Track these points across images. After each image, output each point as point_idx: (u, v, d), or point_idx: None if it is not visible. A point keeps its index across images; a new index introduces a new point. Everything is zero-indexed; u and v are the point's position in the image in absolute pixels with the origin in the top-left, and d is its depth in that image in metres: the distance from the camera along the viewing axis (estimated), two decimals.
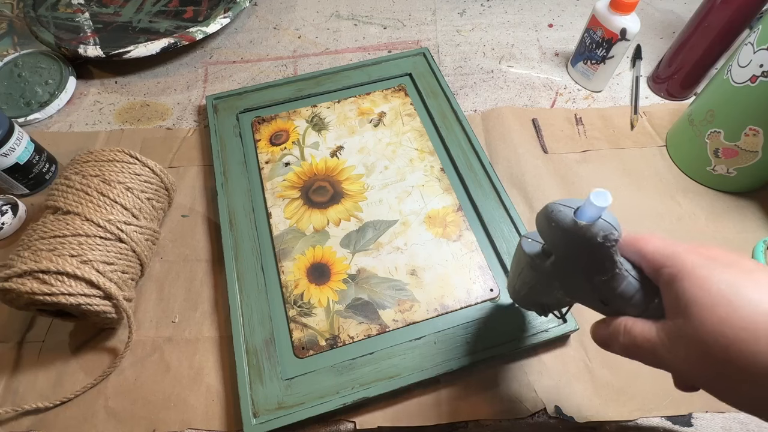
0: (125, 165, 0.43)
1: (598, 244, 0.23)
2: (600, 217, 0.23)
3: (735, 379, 0.20)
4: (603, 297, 0.26)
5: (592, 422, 0.37)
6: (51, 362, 0.41)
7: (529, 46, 0.63)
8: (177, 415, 0.38)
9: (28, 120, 0.57)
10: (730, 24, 0.48)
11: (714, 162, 0.47)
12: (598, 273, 0.24)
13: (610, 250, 0.23)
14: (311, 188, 0.49)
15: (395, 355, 0.39)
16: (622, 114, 0.56)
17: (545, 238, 0.26)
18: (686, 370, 0.22)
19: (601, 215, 0.23)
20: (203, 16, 0.64)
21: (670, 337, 0.22)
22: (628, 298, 0.25)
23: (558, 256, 0.26)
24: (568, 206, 0.24)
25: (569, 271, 0.26)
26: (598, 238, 0.23)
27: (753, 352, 0.19)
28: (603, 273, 0.24)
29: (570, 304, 0.32)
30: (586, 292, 0.26)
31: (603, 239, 0.23)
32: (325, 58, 0.64)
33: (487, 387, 0.39)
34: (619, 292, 0.25)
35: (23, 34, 0.67)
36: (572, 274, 0.26)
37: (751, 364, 0.19)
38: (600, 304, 0.26)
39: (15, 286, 0.35)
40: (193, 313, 0.43)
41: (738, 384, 0.20)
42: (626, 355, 0.25)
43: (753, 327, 0.19)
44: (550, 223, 0.25)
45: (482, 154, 0.50)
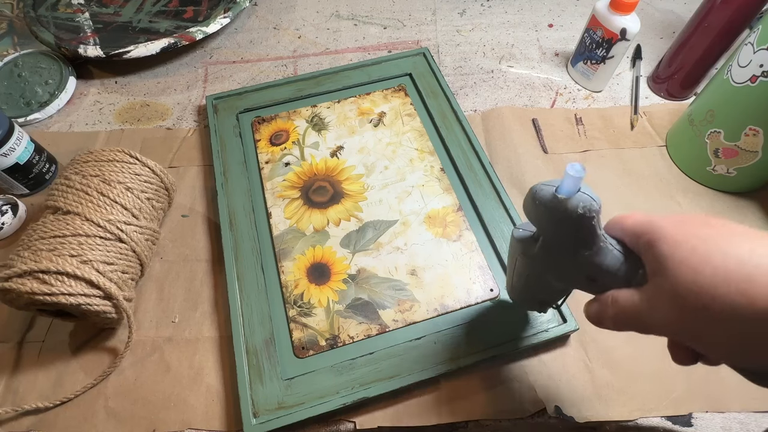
0: (125, 165, 0.43)
1: (579, 215, 0.24)
2: (579, 191, 0.24)
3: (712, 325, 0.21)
4: (590, 273, 0.27)
5: (592, 422, 0.37)
6: (51, 362, 0.41)
7: (529, 46, 0.63)
8: (177, 415, 0.38)
9: (28, 120, 0.57)
10: (730, 24, 0.48)
11: (714, 162, 0.47)
12: (584, 247, 0.26)
13: (591, 222, 0.24)
14: (311, 188, 0.49)
15: (395, 355, 0.39)
16: (622, 114, 0.56)
17: (532, 219, 0.27)
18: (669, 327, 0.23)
19: (580, 189, 0.24)
20: (203, 16, 0.64)
21: (651, 297, 0.23)
22: (614, 272, 0.26)
23: (545, 237, 0.28)
24: (549, 185, 0.26)
25: (557, 250, 0.27)
26: (578, 209, 0.24)
27: (724, 294, 0.20)
28: (588, 247, 0.26)
29: (564, 294, 0.33)
30: (575, 271, 0.27)
31: (583, 210, 0.24)
32: (325, 58, 0.64)
33: (487, 387, 0.39)
34: (605, 266, 0.26)
35: (23, 34, 0.67)
36: (560, 253, 0.27)
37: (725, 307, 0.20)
38: (589, 283, 0.27)
39: (15, 286, 0.35)
40: (193, 313, 0.43)
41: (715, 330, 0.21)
42: (617, 326, 0.26)
43: (723, 272, 0.20)
44: (535, 202, 0.26)
45: (482, 154, 0.50)
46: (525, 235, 0.30)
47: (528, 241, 0.29)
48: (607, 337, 0.41)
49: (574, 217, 0.24)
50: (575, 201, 0.24)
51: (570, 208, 0.24)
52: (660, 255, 0.22)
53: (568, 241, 0.26)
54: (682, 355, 0.26)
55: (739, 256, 0.20)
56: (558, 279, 0.29)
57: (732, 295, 0.20)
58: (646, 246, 0.24)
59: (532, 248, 0.29)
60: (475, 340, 0.40)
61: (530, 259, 0.29)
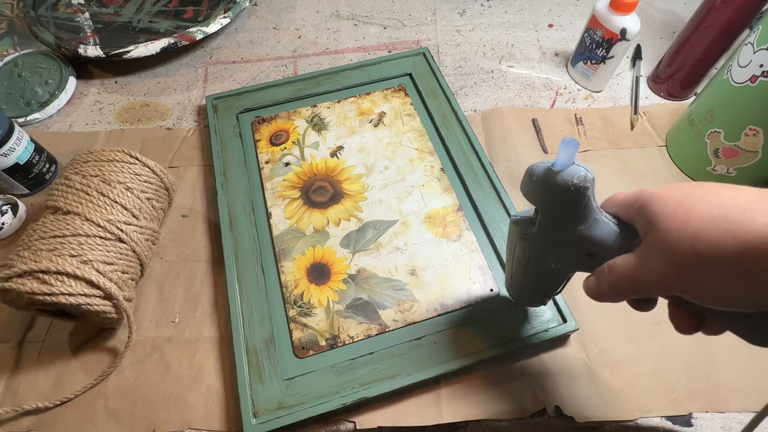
0: (125, 165, 0.43)
1: (574, 186, 0.25)
2: (574, 164, 0.25)
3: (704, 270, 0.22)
4: (588, 249, 0.27)
5: (592, 422, 0.37)
6: (51, 362, 0.41)
7: (529, 46, 0.63)
8: (177, 415, 0.38)
9: (28, 120, 0.57)
10: (730, 24, 0.48)
11: (714, 162, 0.47)
12: (580, 221, 0.27)
13: (586, 192, 0.25)
14: (311, 188, 0.49)
15: (395, 355, 0.39)
16: (622, 114, 0.56)
17: (530, 197, 0.28)
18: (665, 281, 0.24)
19: (574, 162, 0.25)
20: (203, 16, 0.64)
21: (645, 254, 0.24)
22: (611, 244, 0.27)
23: (543, 214, 0.28)
24: (545, 162, 0.27)
25: (555, 227, 0.28)
26: (574, 180, 0.25)
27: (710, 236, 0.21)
28: (584, 220, 0.26)
29: (564, 279, 0.33)
30: (574, 248, 0.28)
31: (578, 180, 0.25)
32: (325, 58, 0.64)
33: (487, 387, 0.39)
34: (601, 239, 0.27)
35: (23, 34, 0.67)
36: (558, 229, 0.28)
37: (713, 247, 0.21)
38: (588, 260, 0.28)
39: (15, 286, 0.35)
40: (193, 313, 0.43)
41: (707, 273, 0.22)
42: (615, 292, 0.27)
43: (708, 217, 0.21)
44: (532, 178, 0.27)
45: (482, 154, 0.50)
46: (523, 218, 0.30)
47: (526, 223, 0.30)
48: (607, 337, 0.41)
49: (569, 188, 0.25)
50: (570, 172, 0.25)
51: (566, 179, 0.25)
52: (650, 214, 0.24)
53: (565, 216, 0.27)
54: (684, 322, 0.27)
55: (722, 203, 0.22)
56: (557, 259, 0.30)
57: (719, 235, 0.21)
58: (637, 211, 0.25)
59: (530, 229, 0.29)
60: (475, 340, 0.40)
61: (529, 242, 0.30)
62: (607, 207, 0.28)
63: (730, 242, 0.21)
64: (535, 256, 0.31)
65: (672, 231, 0.23)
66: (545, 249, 0.30)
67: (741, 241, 0.20)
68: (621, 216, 0.27)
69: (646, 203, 0.25)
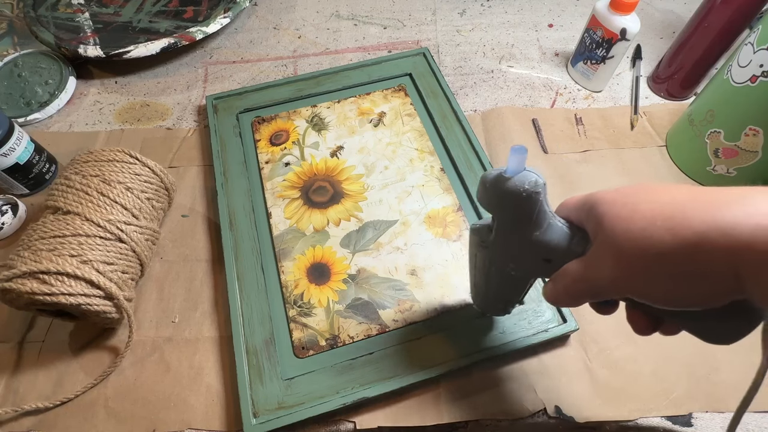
0: (125, 165, 0.43)
1: (526, 191, 0.25)
2: (525, 169, 0.26)
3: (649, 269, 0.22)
4: (545, 254, 0.27)
5: (592, 422, 0.37)
6: (51, 362, 0.41)
7: (529, 46, 0.63)
8: (177, 415, 0.38)
9: (28, 120, 0.57)
10: (730, 24, 0.48)
11: (714, 162, 0.47)
12: (535, 227, 0.27)
13: (538, 197, 0.26)
14: (311, 188, 0.49)
15: (395, 355, 0.39)
16: (622, 114, 0.56)
17: (485, 205, 0.28)
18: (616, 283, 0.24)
19: (525, 168, 0.26)
20: (203, 16, 0.64)
21: (595, 256, 0.25)
22: (565, 247, 0.27)
23: (499, 222, 0.28)
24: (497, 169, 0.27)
25: (511, 233, 0.28)
26: (525, 185, 0.25)
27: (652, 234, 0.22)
28: (539, 226, 0.27)
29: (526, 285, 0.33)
30: (531, 254, 0.28)
31: (529, 185, 0.25)
32: (325, 58, 0.64)
33: (487, 387, 0.39)
34: (556, 243, 0.27)
35: (23, 34, 0.67)
36: (514, 237, 0.28)
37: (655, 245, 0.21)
38: (545, 265, 0.28)
39: (15, 286, 0.35)
40: (193, 313, 0.43)
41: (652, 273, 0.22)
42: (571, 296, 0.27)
43: (650, 216, 0.22)
44: (485, 186, 0.27)
45: (482, 154, 0.50)
46: (481, 226, 0.31)
47: (484, 231, 0.30)
48: (607, 337, 0.41)
49: (521, 193, 0.25)
50: (521, 178, 0.25)
51: (517, 185, 0.25)
52: (598, 215, 0.24)
53: (519, 222, 0.27)
54: (641, 323, 0.27)
55: (663, 202, 0.22)
56: (516, 266, 0.30)
57: (660, 234, 0.21)
58: (587, 214, 0.26)
59: (488, 237, 0.30)
60: (474, 340, 0.40)
61: (488, 250, 0.30)
62: (561, 211, 0.28)
63: (670, 241, 0.21)
64: (494, 264, 0.31)
65: (618, 231, 0.23)
66: (504, 256, 0.30)
67: (680, 239, 0.21)
68: (574, 219, 0.27)
69: (594, 205, 0.25)
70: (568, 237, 0.27)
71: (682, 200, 0.22)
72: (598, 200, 0.25)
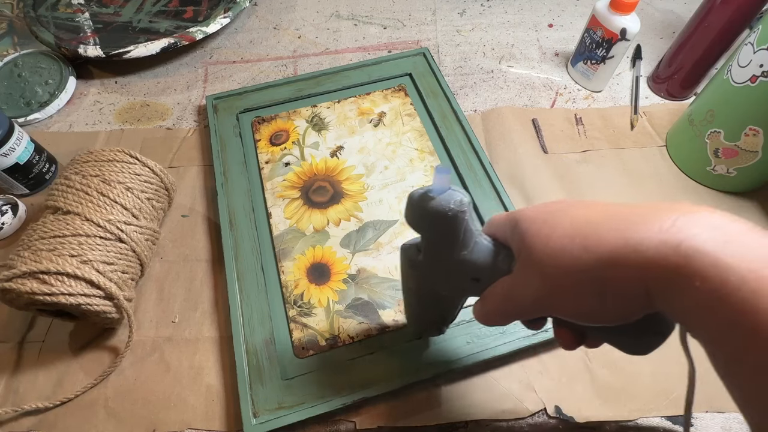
0: (125, 165, 0.43)
1: (451, 211, 0.25)
2: (450, 189, 0.25)
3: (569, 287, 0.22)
4: (473, 273, 0.27)
5: (592, 422, 0.37)
6: (51, 362, 0.41)
7: (529, 46, 0.63)
8: (177, 415, 0.38)
9: (28, 120, 0.57)
10: (730, 24, 0.48)
11: (714, 162, 0.47)
12: (463, 246, 0.27)
13: (464, 216, 0.26)
14: (311, 188, 0.49)
15: (395, 355, 0.39)
16: (622, 114, 0.56)
17: (413, 225, 0.28)
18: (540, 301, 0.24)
19: (450, 187, 0.26)
20: (203, 16, 0.64)
21: (519, 274, 0.25)
22: (492, 266, 0.27)
23: (426, 242, 0.28)
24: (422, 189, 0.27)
25: (439, 255, 0.28)
26: (450, 204, 0.25)
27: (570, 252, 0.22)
28: (465, 245, 0.27)
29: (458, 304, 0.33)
30: (459, 274, 0.28)
31: (455, 204, 0.25)
32: (325, 58, 0.64)
33: (487, 387, 0.39)
34: (483, 261, 0.27)
35: (23, 34, 0.67)
36: (442, 257, 0.28)
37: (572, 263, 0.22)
38: (475, 284, 0.28)
39: (15, 286, 0.35)
40: (193, 313, 0.43)
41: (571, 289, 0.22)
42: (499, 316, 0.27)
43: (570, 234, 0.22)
44: (411, 205, 0.27)
45: (482, 154, 0.50)
46: (410, 246, 0.30)
47: (413, 251, 0.30)
48: None
49: (447, 213, 0.25)
50: (447, 197, 0.25)
51: (442, 204, 0.25)
52: (520, 234, 0.25)
53: (446, 242, 0.27)
54: (567, 339, 0.27)
55: (580, 220, 0.23)
56: (446, 285, 0.29)
57: (577, 252, 0.22)
58: (511, 231, 0.26)
59: (417, 257, 0.29)
60: (475, 339, 0.40)
61: (418, 270, 0.30)
62: (488, 229, 0.28)
63: (586, 259, 0.21)
64: (425, 284, 0.31)
65: (538, 250, 0.23)
66: (433, 276, 0.29)
67: (595, 257, 0.21)
68: (500, 237, 0.27)
69: (516, 223, 0.25)
70: (494, 255, 0.27)
71: (597, 218, 0.22)
72: (521, 218, 0.25)
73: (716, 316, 0.18)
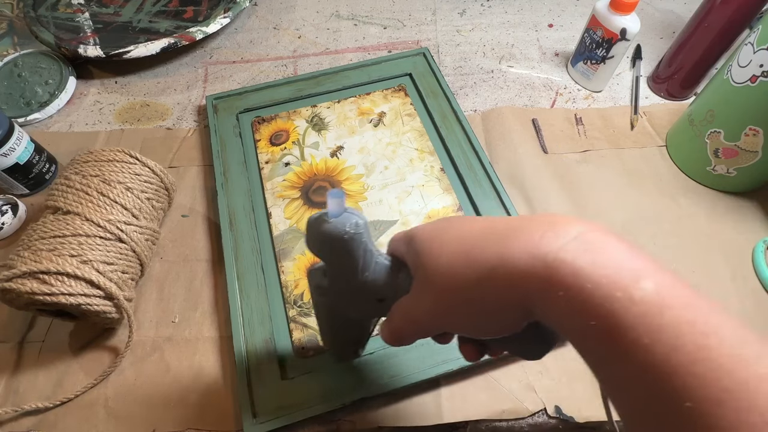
0: (125, 165, 0.43)
1: (347, 234, 0.25)
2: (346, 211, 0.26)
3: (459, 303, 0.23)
4: (377, 294, 0.28)
5: (592, 422, 0.37)
6: (51, 362, 0.41)
7: (529, 46, 0.63)
8: (177, 415, 0.38)
9: (28, 120, 0.57)
10: (730, 24, 0.48)
11: (714, 162, 0.47)
12: (364, 269, 0.27)
13: (361, 238, 0.26)
14: (311, 188, 0.49)
15: (395, 355, 0.39)
16: (622, 114, 0.56)
17: (313, 250, 0.28)
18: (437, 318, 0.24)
19: (346, 209, 0.26)
20: (203, 16, 0.64)
21: (416, 292, 0.25)
22: (394, 286, 0.27)
23: (329, 266, 0.28)
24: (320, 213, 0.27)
25: (342, 278, 0.28)
26: (346, 227, 0.25)
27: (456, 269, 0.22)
28: (367, 267, 0.27)
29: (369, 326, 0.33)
30: (364, 295, 0.28)
31: (350, 227, 0.25)
32: (325, 58, 0.64)
33: (487, 387, 0.39)
34: (384, 283, 0.27)
35: (23, 34, 0.67)
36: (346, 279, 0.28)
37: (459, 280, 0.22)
38: (380, 305, 0.28)
39: (15, 286, 0.35)
40: (193, 313, 0.43)
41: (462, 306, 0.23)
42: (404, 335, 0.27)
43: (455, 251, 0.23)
44: (312, 234, 0.27)
45: (482, 154, 0.50)
46: (316, 270, 0.30)
47: (319, 276, 0.30)
48: None
49: (343, 236, 0.25)
50: (342, 220, 0.25)
51: (339, 228, 0.25)
52: (415, 252, 0.25)
53: (347, 264, 0.27)
54: (469, 351, 0.28)
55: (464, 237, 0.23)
56: (354, 308, 0.29)
57: (461, 268, 0.22)
58: (407, 249, 0.26)
59: (323, 282, 0.29)
60: None
61: (325, 296, 0.30)
62: (390, 246, 0.28)
63: (470, 275, 0.22)
64: (335, 308, 0.30)
65: (429, 268, 0.24)
66: (341, 300, 0.29)
67: (478, 273, 0.21)
68: (400, 255, 0.27)
69: (411, 241, 0.25)
70: (396, 275, 0.27)
71: (479, 234, 0.23)
72: (415, 236, 0.25)
73: (578, 323, 0.18)
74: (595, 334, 0.18)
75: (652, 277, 0.17)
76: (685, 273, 0.44)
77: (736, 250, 0.45)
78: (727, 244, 0.46)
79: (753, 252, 0.45)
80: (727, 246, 0.46)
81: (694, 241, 0.46)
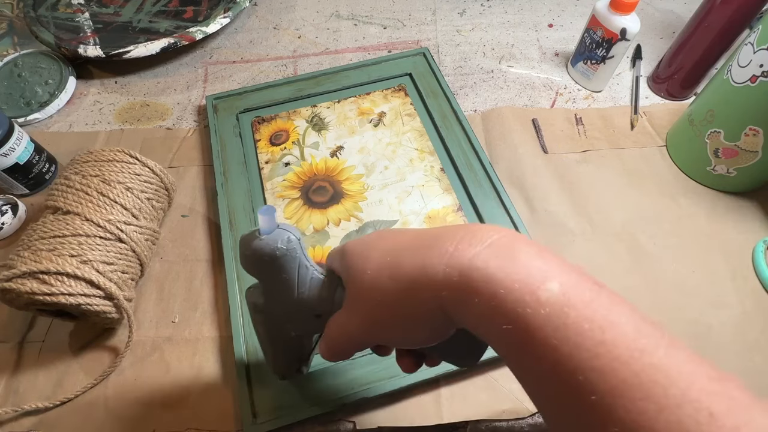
0: (125, 165, 0.43)
1: (280, 250, 0.25)
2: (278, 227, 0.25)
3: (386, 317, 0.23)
4: (314, 309, 0.27)
5: None
6: (51, 362, 0.41)
7: (529, 46, 0.63)
8: (177, 415, 0.38)
9: (28, 120, 0.57)
10: (730, 24, 0.48)
11: (714, 162, 0.47)
12: (300, 285, 0.27)
13: (295, 254, 0.26)
14: (311, 188, 0.49)
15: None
16: (622, 114, 0.56)
17: (246, 268, 0.27)
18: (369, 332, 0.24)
19: (278, 225, 0.25)
20: (203, 16, 0.64)
21: (348, 307, 0.25)
22: (330, 301, 0.27)
23: (265, 284, 0.28)
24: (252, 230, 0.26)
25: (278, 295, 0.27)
26: (278, 244, 0.25)
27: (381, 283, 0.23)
28: (303, 282, 0.27)
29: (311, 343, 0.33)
30: (301, 312, 0.28)
31: (282, 243, 0.25)
32: (325, 58, 0.64)
33: (487, 387, 0.39)
34: (320, 298, 0.27)
35: (23, 34, 0.67)
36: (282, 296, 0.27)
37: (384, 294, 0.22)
38: (318, 321, 0.28)
39: (15, 286, 0.35)
40: (193, 313, 0.43)
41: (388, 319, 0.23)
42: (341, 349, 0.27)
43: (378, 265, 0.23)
44: (244, 252, 0.26)
45: (482, 154, 0.50)
46: (254, 290, 0.29)
47: (256, 294, 0.29)
48: None
49: (275, 252, 0.25)
50: (274, 236, 0.25)
51: (271, 244, 0.25)
52: (345, 267, 0.25)
53: (282, 281, 0.26)
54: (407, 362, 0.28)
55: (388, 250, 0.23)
56: (292, 326, 0.29)
57: (385, 281, 0.22)
58: (340, 264, 0.26)
59: (260, 300, 0.29)
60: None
61: (263, 314, 0.29)
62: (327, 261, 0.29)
63: (393, 288, 0.22)
64: (274, 327, 0.30)
65: (357, 282, 0.24)
66: (279, 318, 0.29)
67: (400, 285, 0.22)
68: (336, 271, 0.27)
69: (342, 256, 0.26)
70: (332, 289, 0.27)
71: (404, 246, 0.23)
72: (345, 251, 0.26)
73: (494, 328, 0.19)
74: (510, 338, 0.18)
75: (558, 278, 0.18)
76: (685, 273, 0.44)
77: (736, 250, 0.45)
78: (727, 244, 0.46)
79: (753, 252, 0.45)
80: (727, 246, 0.46)
81: (694, 241, 0.46)
